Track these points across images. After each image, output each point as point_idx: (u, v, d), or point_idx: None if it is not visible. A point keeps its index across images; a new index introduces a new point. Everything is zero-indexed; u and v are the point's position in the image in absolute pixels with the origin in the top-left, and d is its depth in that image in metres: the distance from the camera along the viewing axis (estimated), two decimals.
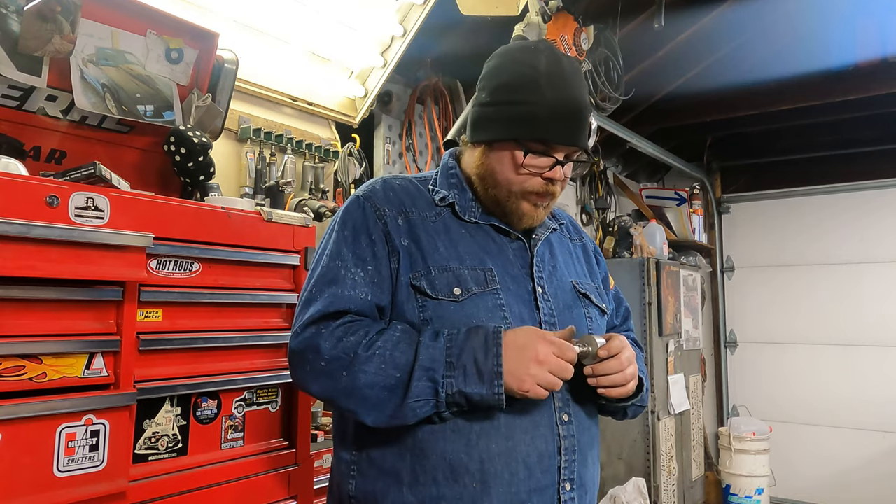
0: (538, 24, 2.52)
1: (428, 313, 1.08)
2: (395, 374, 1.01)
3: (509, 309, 1.10)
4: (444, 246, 1.13)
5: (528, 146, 1.10)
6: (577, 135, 1.12)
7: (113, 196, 1.27)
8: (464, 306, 1.08)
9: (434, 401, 1.01)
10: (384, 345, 1.02)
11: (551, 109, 1.09)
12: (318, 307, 1.08)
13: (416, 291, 1.09)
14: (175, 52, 1.75)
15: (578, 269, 1.29)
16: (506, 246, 1.18)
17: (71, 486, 1.17)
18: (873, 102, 4.10)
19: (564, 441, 1.09)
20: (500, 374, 1.00)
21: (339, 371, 1.03)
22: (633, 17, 3.33)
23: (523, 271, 1.17)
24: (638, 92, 3.57)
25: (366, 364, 1.01)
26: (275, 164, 2.27)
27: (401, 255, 1.10)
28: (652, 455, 3.54)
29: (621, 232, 4.06)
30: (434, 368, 1.00)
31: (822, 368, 4.89)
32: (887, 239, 4.75)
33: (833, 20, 3.60)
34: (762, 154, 5.13)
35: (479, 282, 1.10)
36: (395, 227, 1.12)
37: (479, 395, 1.00)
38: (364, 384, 1.01)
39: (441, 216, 1.17)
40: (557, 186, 1.14)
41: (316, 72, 2.44)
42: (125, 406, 1.26)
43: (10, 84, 1.46)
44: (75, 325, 1.23)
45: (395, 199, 1.16)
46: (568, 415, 1.11)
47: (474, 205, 1.19)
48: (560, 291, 1.19)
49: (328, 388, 1.05)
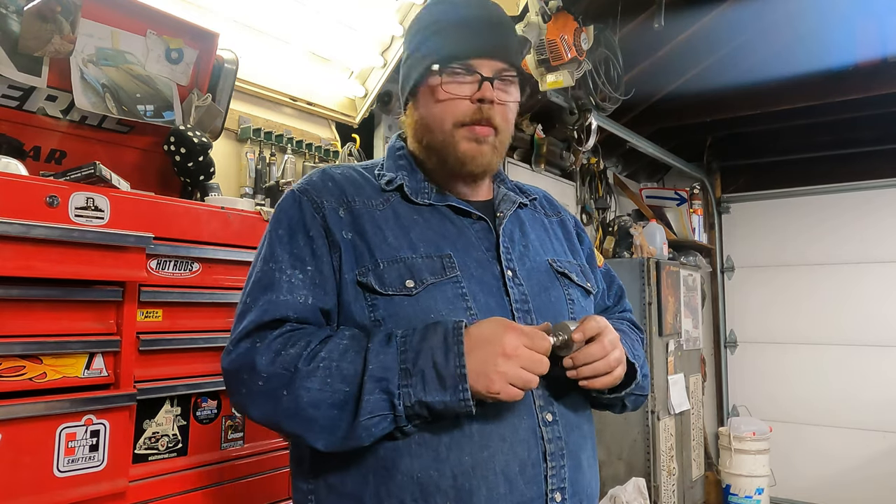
0: (538, 23, 2.52)
1: (379, 313, 0.95)
2: (343, 389, 0.87)
3: (473, 298, 0.97)
4: (394, 235, 1.00)
5: (444, 70, 1.01)
6: (494, 47, 1.02)
7: (113, 196, 1.27)
8: (419, 300, 0.95)
9: (391, 415, 0.87)
10: (329, 355, 0.89)
11: (458, 25, 1.03)
12: (251, 318, 0.94)
13: (363, 289, 0.96)
14: (175, 52, 1.75)
15: (556, 246, 1.16)
16: (466, 228, 1.05)
17: (71, 487, 1.17)
18: (873, 102, 4.10)
19: (550, 445, 0.96)
20: (464, 377, 0.86)
21: (280, 390, 0.89)
22: (633, 17, 3.33)
23: (489, 254, 1.03)
24: (638, 92, 3.57)
25: (308, 379, 0.88)
26: (275, 164, 2.27)
27: (342, 251, 0.98)
28: (652, 455, 3.54)
29: (621, 232, 4.06)
30: (387, 378, 0.87)
31: (823, 368, 4.89)
32: (887, 239, 4.75)
33: (833, 20, 3.60)
34: (762, 154, 5.13)
35: (436, 270, 0.97)
36: (335, 220, 1.00)
37: (443, 403, 0.87)
38: (308, 403, 0.88)
39: (389, 202, 1.04)
40: (496, 113, 1.02)
41: (316, 72, 2.44)
42: (125, 406, 1.27)
43: (10, 84, 1.46)
44: (75, 325, 1.23)
45: (336, 190, 1.03)
46: (552, 414, 0.98)
47: (427, 185, 1.07)
48: (534, 272, 1.06)
49: (269, 411, 0.91)
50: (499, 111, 1.03)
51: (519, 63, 1.07)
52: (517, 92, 1.07)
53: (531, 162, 3.70)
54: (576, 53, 2.79)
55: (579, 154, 3.94)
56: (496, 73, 1.02)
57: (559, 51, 2.73)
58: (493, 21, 1.06)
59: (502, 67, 1.03)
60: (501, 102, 1.03)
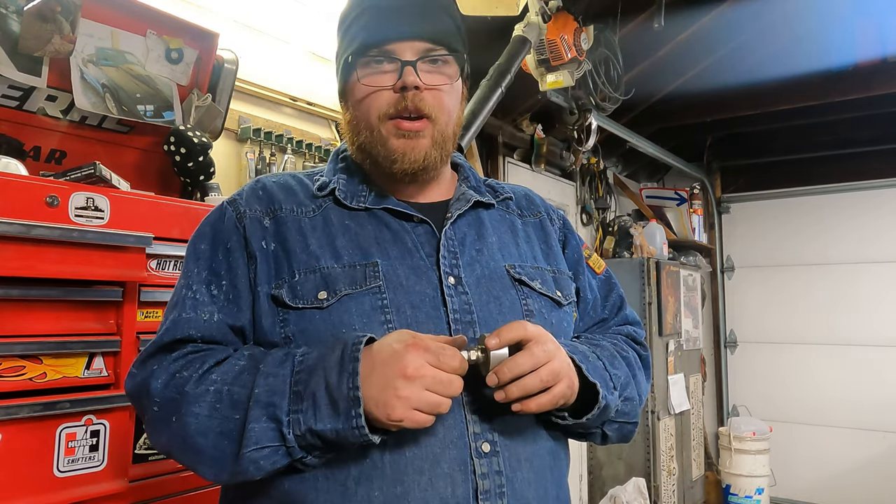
0: (538, 23, 2.52)
1: (290, 328, 0.85)
2: (233, 416, 0.77)
3: (396, 310, 0.85)
4: (318, 243, 0.90)
5: (360, 61, 0.91)
6: (414, 25, 0.91)
7: (113, 196, 1.27)
8: (331, 313, 0.84)
9: (283, 447, 0.76)
10: (222, 377, 0.79)
11: (373, 8, 0.92)
12: (155, 339, 0.87)
13: (275, 303, 0.86)
14: (175, 52, 1.75)
15: (523, 250, 1.01)
16: (404, 233, 0.93)
17: (71, 487, 1.17)
18: (873, 102, 4.10)
19: (484, 481, 0.80)
20: (357, 400, 0.74)
21: (170, 416, 0.80)
22: (633, 17, 3.33)
23: (429, 260, 0.91)
24: (638, 92, 3.57)
25: (196, 405, 0.78)
26: (275, 164, 2.27)
27: (258, 262, 0.88)
28: (652, 455, 3.54)
29: (621, 232, 4.07)
30: (275, 403, 0.76)
31: (822, 368, 4.89)
32: (887, 239, 4.75)
33: (832, 20, 3.60)
34: (762, 154, 5.13)
35: (355, 280, 0.86)
36: (256, 230, 0.90)
37: (335, 431, 0.75)
38: (196, 431, 0.78)
39: (321, 209, 0.94)
40: (425, 100, 0.90)
41: (316, 72, 2.44)
42: (125, 406, 1.26)
43: (10, 84, 1.46)
44: (75, 325, 1.23)
45: (265, 198, 0.94)
46: (490, 444, 0.83)
47: (364, 188, 0.96)
48: (485, 280, 0.92)
49: (163, 439, 0.83)
50: (430, 97, 0.91)
51: (454, 41, 0.94)
52: (453, 71, 0.94)
53: (531, 162, 3.71)
54: (576, 53, 2.79)
55: (579, 154, 3.95)
56: (421, 55, 0.91)
57: (559, 51, 2.73)
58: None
59: (427, 48, 0.91)
60: (431, 87, 0.91)
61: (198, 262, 0.91)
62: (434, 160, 0.93)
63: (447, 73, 0.93)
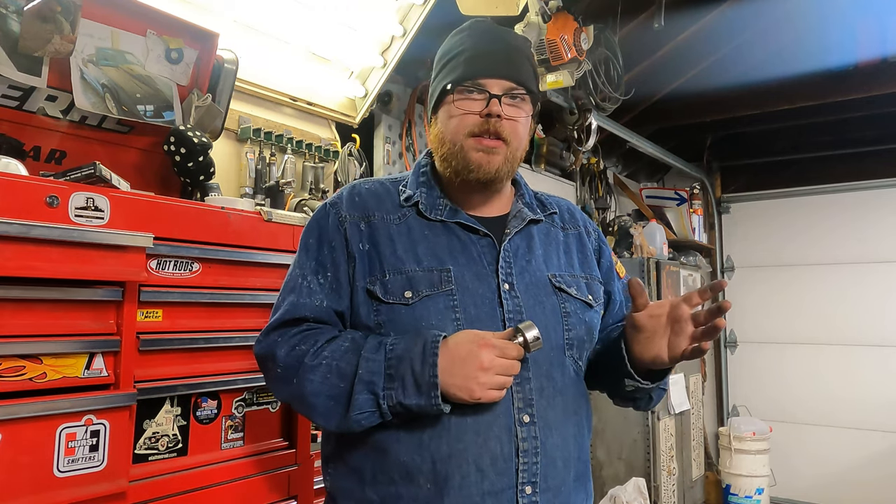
0: (538, 23, 2.53)
1: (381, 317, 1.10)
2: (339, 385, 1.04)
3: (463, 310, 1.09)
4: (403, 248, 1.13)
5: (456, 89, 1.14)
6: (504, 67, 1.14)
7: (113, 196, 1.27)
8: (414, 309, 1.08)
9: (377, 412, 1.03)
10: (331, 354, 1.05)
11: (473, 50, 1.16)
12: (277, 315, 1.13)
13: (370, 296, 1.11)
14: (175, 53, 1.75)
15: (563, 260, 1.24)
16: (471, 244, 1.15)
17: (71, 487, 1.17)
18: (873, 102, 4.10)
19: (523, 443, 1.07)
20: (435, 385, 1.01)
21: (291, 378, 1.07)
22: (633, 17, 3.33)
23: (490, 268, 1.14)
24: (638, 92, 3.57)
25: (312, 373, 1.05)
26: (275, 165, 2.27)
27: (357, 261, 1.12)
28: (652, 455, 3.54)
29: (621, 232, 4.07)
30: (374, 381, 1.03)
31: (822, 368, 4.89)
32: (887, 239, 4.76)
33: (833, 20, 3.60)
34: (762, 154, 5.13)
35: (433, 283, 1.10)
36: (355, 233, 1.14)
37: (418, 405, 1.02)
38: (310, 392, 1.05)
39: (406, 218, 1.17)
40: (504, 127, 1.12)
41: (316, 72, 2.44)
42: (125, 406, 1.27)
43: (10, 84, 1.46)
44: (75, 325, 1.23)
45: (360, 205, 1.18)
46: (529, 416, 1.08)
47: (442, 202, 1.18)
48: (532, 286, 1.15)
49: (284, 393, 1.11)
50: (507, 126, 1.13)
51: (531, 84, 1.17)
52: (528, 108, 1.17)
53: (531, 162, 3.71)
54: (576, 53, 2.79)
55: (579, 154, 3.95)
56: (505, 91, 1.13)
57: (559, 51, 2.73)
58: (507, 48, 1.17)
59: (511, 87, 1.14)
60: (510, 118, 1.13)
61: (308, 254, 1.16)
62: (504, 174, 1.16)
63: (524, 109, 1.16)
